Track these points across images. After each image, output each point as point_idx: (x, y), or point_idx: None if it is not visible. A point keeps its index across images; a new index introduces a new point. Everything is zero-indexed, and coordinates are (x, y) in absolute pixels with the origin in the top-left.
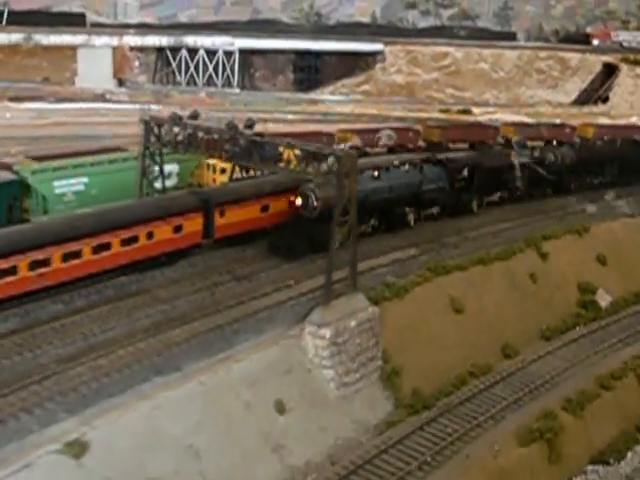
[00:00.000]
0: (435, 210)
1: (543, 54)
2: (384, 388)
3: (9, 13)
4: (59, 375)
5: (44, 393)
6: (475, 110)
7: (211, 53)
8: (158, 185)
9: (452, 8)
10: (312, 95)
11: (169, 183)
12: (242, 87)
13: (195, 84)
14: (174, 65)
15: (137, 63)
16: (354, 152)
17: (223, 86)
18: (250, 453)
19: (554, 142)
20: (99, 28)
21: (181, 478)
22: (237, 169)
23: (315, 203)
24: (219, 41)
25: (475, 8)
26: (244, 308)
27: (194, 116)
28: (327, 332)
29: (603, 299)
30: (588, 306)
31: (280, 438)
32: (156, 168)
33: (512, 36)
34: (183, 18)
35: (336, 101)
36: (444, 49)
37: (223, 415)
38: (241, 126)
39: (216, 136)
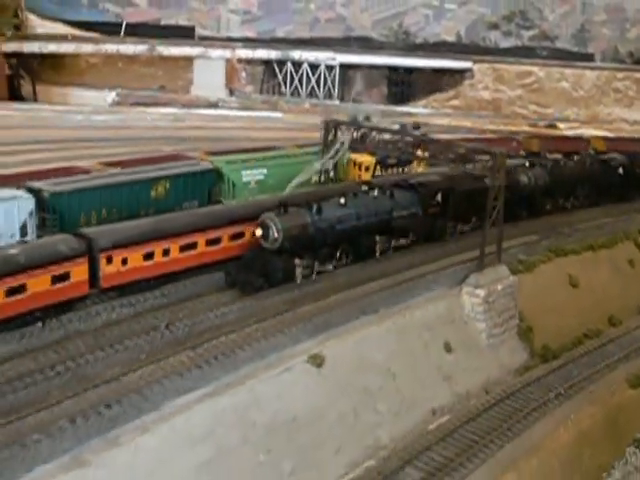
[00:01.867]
0: (407, 240)
1: (620, 75)
2: (521, 341)
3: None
4: (296, 311)
5: (294, 322)
6: (560, 125)
7: (314, 67)
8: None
9: (532, 29)
10: (405, 108)
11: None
12: (341, 99)
13: (299, 95)
14: (280, 77)
15: (244, 74)
16: (505, 152)
17: (324, 98)
18: (428, 379)
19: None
20: (213, 41)
21: (384, 391)
22: (378, 168)
23: (276, 234)
24: (322, 56)
25: (554, 30)
26: (417, 271)
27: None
28: (481, 292)
29: None
30: None
31: (448, 371)
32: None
33: (590, 57)
34: (280, 33)
35: (428, 114)
36: (528, 68)
37: (409, 349)
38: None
39: (387, 135)
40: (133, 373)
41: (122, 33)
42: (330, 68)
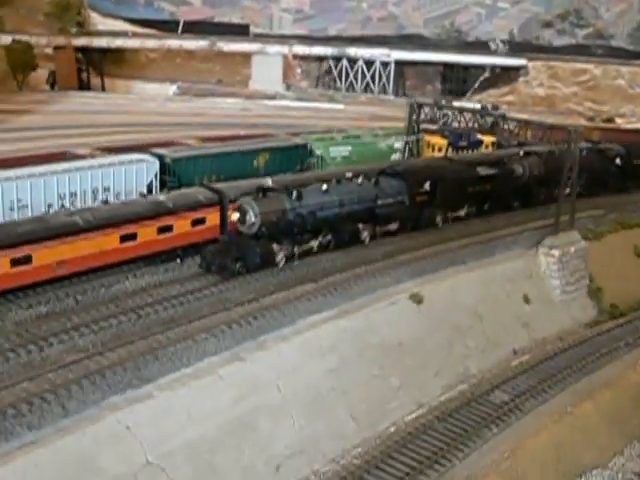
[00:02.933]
0: (393, 227)
1: None
2: (590, 299)
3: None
4: (396, 258)
5: (396, 266)
6: (618, 120)
7: (369, 63)
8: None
9: (587, 28)
10: (460, 103)
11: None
12: (395, 94)
13: (354, 90)
14: (335, 73)
15: (299, 70)
16: (580, 127)
17: (379, 93)
18: (509, 324)
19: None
20: (269, 38)
21: (472, 330)
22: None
23: (253, 219)
24: (377, 53)
25: (609, 28)
26: (498, 233)
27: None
28: (556, 252)
29: None
30: None
31: (527, 319)
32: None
33: None
34: (333, 31)
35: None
36: (583, 66)
37: (493, 297)
38: None
39: (468, 115)
40: (270, 296)
41: (180, 30)
42: (385, 64)
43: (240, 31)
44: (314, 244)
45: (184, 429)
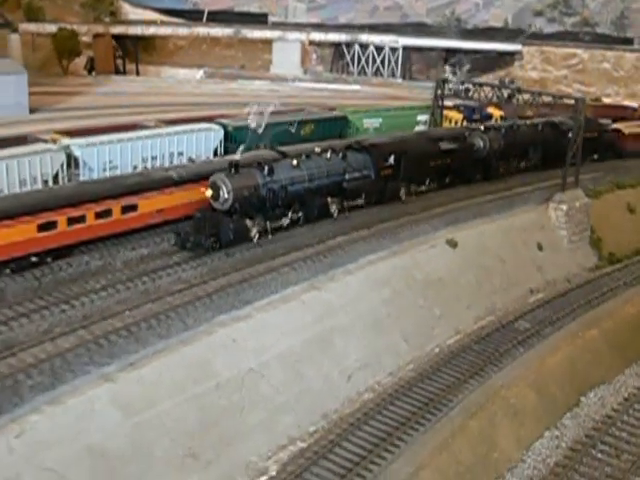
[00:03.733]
0: (360, 201)
1: None
2: (592, 248)
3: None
4: (431, 211)
5: (432, 217)
6: (604, 99)
7: (378, 49)
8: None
9: (574, 16)
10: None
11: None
12: (403, 77)
13: (365, 74)
14: (348, 58)
15: (314, 56)
16: (585, 98)
17: (388, 77)
18: (526, 267)
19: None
20: (287, 26)
21: (496, 270)
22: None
23: (227, 195)
24: (386, 39)
25: (595, 17)
26: (514, 192)
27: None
28: (564, 206)
29: None
30: None
31: (540, 263)
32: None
33: (630, 41)
34: (343, 20)
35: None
36: (573, 50)
37: (512, 243)
38: None
39: (487, 88)
40: (333, 239)
41: (204, 19)
42: (393, 50)
43: (259, 20)
44: (285, 221)
45: (277, 343)
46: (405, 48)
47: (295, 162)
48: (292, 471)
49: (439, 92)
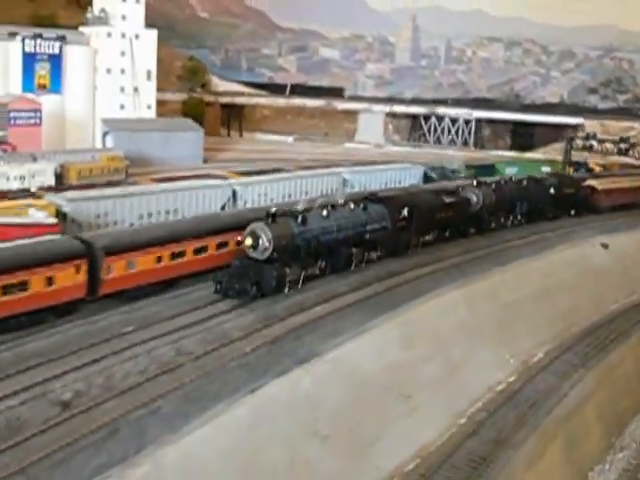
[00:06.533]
0: (379, 252)
1: None
2: None
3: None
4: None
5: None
6: None
7: (453, 120)
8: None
9: (627, 94)
10: (528, 155)
11: None
12: (474, 146)
13: (440, 143)
14: (425, 128)
15: (391, 126)
16: None
17: (461, 145)
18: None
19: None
20: (372, 99)
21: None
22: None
23: (267, 244)
24: (461, 112)
25: None
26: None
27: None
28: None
29: None
30: None
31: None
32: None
33: None
34: (408, 95)
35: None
36: (629, 124)
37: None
38: None
39: (609, 145)
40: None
41: (287, 92)
42: (467, 122)
43: (335, 93)
44: (315, 270)
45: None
46: (477, 120)
47: (325, 212)
48: None
49: (569, 147)
